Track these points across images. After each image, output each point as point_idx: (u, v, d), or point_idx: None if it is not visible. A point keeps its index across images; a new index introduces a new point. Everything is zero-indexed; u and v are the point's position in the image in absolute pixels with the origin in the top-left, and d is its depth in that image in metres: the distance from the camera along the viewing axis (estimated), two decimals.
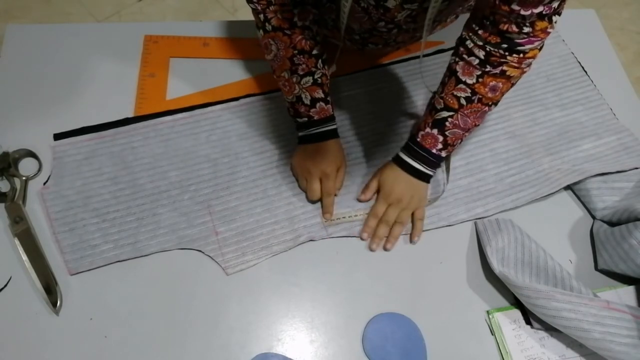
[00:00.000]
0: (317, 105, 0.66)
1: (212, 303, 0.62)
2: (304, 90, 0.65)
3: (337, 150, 0.69)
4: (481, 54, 0.58)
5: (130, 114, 0.74)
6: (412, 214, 0.69)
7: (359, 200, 0.71)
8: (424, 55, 0.85)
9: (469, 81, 0.60)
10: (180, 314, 0.61)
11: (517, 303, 0.64)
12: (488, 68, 0.58)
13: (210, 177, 0.70)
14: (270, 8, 0.61)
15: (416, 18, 0.66)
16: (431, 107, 0.67)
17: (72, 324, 0.59)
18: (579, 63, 0.88)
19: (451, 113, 0.63)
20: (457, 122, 0.63)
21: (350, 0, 0.60)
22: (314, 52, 0.65)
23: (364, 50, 0.80)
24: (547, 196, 0.73)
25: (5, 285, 0.60)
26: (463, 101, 0.62)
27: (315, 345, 0.61)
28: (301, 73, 0.65)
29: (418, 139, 0.67)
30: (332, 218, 0.69)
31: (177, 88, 0.78)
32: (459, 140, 0.66)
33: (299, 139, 0.69)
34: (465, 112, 0.62)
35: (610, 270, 0.66)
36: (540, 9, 0.50)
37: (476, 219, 0.70)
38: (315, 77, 0.65)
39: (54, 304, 0.59)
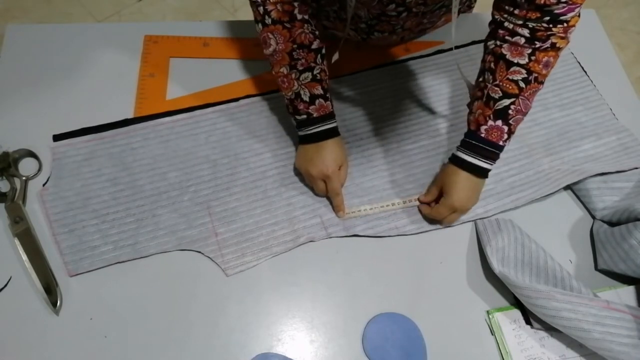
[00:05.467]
0: (317, 102, 0.65)
1: (211, 304, 0.62)
2: (303, 87, 0.64)
3: (338, 149, 0.67)
4: (525, 32, 0.57)
5: (130, 114, 0.74)
6: None
7: (420, 201, 0.70)
8: (426, 55, 0.85)
9: (522, 61, 0.59)
10: (180, 314, 0.61)
11: (517, 303, 0.64)
12: (537, 44, 0.57)
13: (210, 178, 0.70)
14: (271, 0, 0.60)
15: (427, 0, 0.65)
16: (486, 99, 0.62)
17: (72, 324, 0.59)
18: (579, 63, 0.88)
19: (512, 99, 0.60)
20: (519, 107, 0.61)
21: None
22: (313, 46, 0.64)
23: (368, 39, 0.78)
24: (547, 196, 0.73)
25: (5, 285, 0.60)
26: (522, 84, 0.59)
27: (315, 345, 0.61)
28: (300, 68, 0.63)
29: (482, 135, 0.62)
30: (348, 212, 0.69)
31: (177, 88, 0.78)
32: (518, 126, 0.64)
33: (300, 138, 0.68)
34: (525, 95, 0.60)
35: (610, 270, 0.66)
36: None
37: (476, 219, 0.70)
38: (315, 72, 0.64)
39: (54, 304, 0.59)
